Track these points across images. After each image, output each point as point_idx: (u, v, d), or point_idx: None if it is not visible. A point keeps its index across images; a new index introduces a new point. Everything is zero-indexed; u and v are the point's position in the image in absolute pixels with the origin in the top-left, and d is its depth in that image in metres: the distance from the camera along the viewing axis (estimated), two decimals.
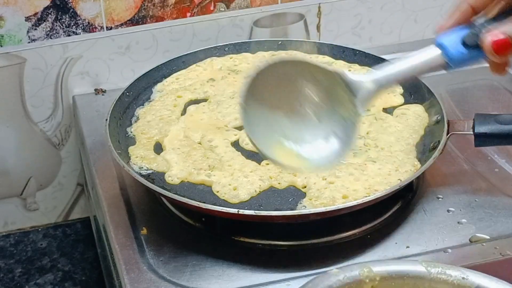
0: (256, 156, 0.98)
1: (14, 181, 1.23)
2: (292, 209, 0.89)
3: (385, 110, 1.05)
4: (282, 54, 0.85)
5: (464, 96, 1.17)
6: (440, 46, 0.77)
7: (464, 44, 0.76)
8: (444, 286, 0.74)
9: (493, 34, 0.74)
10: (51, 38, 1.15)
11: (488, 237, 0.91)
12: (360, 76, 0.76)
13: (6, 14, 1.12)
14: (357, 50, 1.14)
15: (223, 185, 0.92)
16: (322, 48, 1.16)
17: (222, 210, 0.88)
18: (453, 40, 0.76)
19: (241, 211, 0.87)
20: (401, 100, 1.07)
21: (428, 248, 0.90)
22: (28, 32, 1.14)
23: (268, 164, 0.96)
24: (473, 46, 0.75)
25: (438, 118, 1.01)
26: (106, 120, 1.00)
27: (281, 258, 0.90)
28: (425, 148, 0.98)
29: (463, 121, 0.98)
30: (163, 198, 0.97)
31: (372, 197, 0.89)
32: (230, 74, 1.12)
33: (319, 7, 1.24)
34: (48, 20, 1.14)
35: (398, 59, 0.81)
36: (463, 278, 0.74)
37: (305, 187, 0.92)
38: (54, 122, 1.21)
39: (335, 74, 0.75)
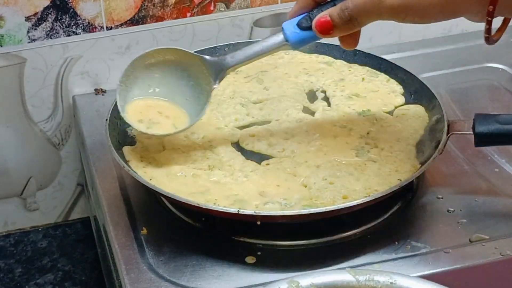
0: (256, 156, 0.98)
1: (14, 181, 1.23)
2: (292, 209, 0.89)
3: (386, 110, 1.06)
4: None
5: (464, 96, 1.17)
6: (282, 29, 0.91)
7: (299, 26, 0.89)
8: None
9: (318, 16, 0.87)
10: (51, 38, 1.15)
11: (488, 237, 0.91)
12: (214, 57, 0.96)
13: (6, 14, 1.12)
14: (357, 50, 1.14)
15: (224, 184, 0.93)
16: (322, 48, 1.16)
17: (222, 210, 0.88)
18: (291, 24, 0.90)
19: (241, 211, 0.87)
20: (401, 100, 1.07)
21: (428, 248, 0.90)
22: (28, 32, 1.14)
23: (268, 164, 0.96)
24: (306, 28, 0.89)
25: (438, 118, 1.01)
26: (106, 120, 1.00)
27: (281, 258, 0.90)
28: (425, 148, 0.98)
29: (463, 121, 0.98)
30: (163, 198, 0.97)
31: (372, 197, 0.89)
32: (230, 74, 1.12)
33: None
34: (48, 20, 1.14)
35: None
36: (391, 283, 0.74)
37: (305, 186, 0.92)
38: (54, 122, 1.21)
39: (197, 57, 0.96)
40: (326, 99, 1.08)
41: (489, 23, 0.81)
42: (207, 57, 0.96)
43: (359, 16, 0.84)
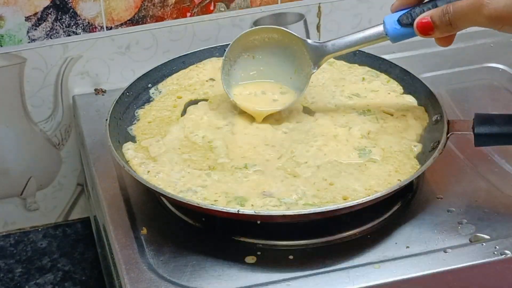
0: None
1: (14, 181, 1.23)
2: (292, 209, 0.89)
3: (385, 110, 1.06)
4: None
5: (464, 96, 1.17)
6: (383, 22, 0.94)
7: (400, 22, 0.92)
8: None
9: (421, 17, 0.90)
10: (51, 38, 1.15)
11: (488, 237, 0.91)
12: (316, 42, 1.00)
13: (6, 14, 1.12)
14: (357, 50, 1.14)
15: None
16: None
17: (222, 210, 0.88)
18: (392, 19, 0.93)
19: (241, 211, 0.87)
20: (402, 100, 1.07)
21: (428, 248, 0.90)
22: (28, 32, 1.14)
23: (268, 160, 0.96)
24: (407, 25, 0.92)
25: (438, 118, 1.01)
26: (106, 120, 1.00)
27: (281, 258, 0.90)
28: (425, 148, 0.98)
29: (463, 121, 0.98)
30: (163, 198, 0.97)
31: (372, 197, 0.89)
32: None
33: (319, 7, 1.24)
34: (48, 20, 1.14)
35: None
36: None
37: (305, 187, 0.92)
38: (54, 122, 1.21)
39: (300, 41, 1.00)
40: (326, 99, 1.08)
41: None
42: (309, 40, 1.00)
43: (459, 21, 0.87)
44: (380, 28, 0.95)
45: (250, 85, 1.05)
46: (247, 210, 0.88)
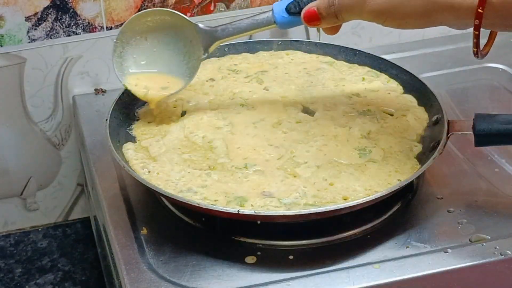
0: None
1: (14, 181, 1.23)
2: (292, 209, 0.89)
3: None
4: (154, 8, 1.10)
5: (464, 96, 1.17)
6: (272, 9, 0.96)
7: (288, 11, 0.94)
8: None
9: (308, 7, 0.91)
10: (51, 38, 1.15)
11: (488, 237, 0.91)
12: (207, 27, 1.01)
13: (6, 14, 1.12)
14: (357, 50, 1.14)
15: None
16: (322, 48, 1.16)
17: (222, 210, 0.88)
18: (280, 7, 0.95)
19: (241, 211, 0.87)
20: (402, 100, 1.07)
21: (428, 248, 0.90)
22: (28, 32, 1.14)
23: (267, 160, 0.96)
24: (294, 14, 0.94)
25: (438, 118, 1.01)
26: (106, 120, 1.00)
27: (281, 258, 0.90)
28: (425, 148, 0.98)
29: (463, 121, 0.98)
30: (163, 198, 0.97)
31: (372, 197, 0.89)
32: (230, 74, 1.12)
33: None
34: (48, 20, 1.14)
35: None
36: None
37: (306, 187, 0.92)
38: (54, 122, 1.21)
39: (192, 25, 1.01)
40: (326, 99, 1.08)
41: (476, 37, 0.85)
42: (200, 25, 1.01)
43: (345, 14, 0.89)
44: (269, 15, 0.96)
45: (142, 75, 1.04)
46: (247, 210, 0.88)
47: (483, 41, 0.88)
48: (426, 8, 0.84)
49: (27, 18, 1.13)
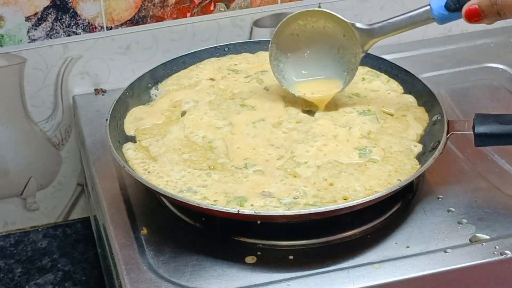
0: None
1: (14, 181, 1.23)
2: (292, 209, 0.89)
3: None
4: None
5: (464, 96, 1.17)
6: (430, 6, 0.96)
7: (447, 7, 0.94)
8: None
9: (468, 4, 0.91)
10: (51, 38, 1.15)
11: (488, 237, 0.91)
12: (364, 26, 1.01)
13: (6, 14, 1.12)
14: None
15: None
16: None
17: (222, 210, 0.88)
18: (438, 3, 0.95)
19: (241, 211, 0.87)
20: (402, 100, 1.07)
21: (428, 248, 0.90)
22: (28, 32, 1.14)
23: (267, 161, 0.96)
24: (454, 10, 0.93)
25: (438, 118, 1.01)
26: (106, 120, 1.00)
27: (281, 258, 0.90)
28: (425, 148, 0.98)
29: (463, 121, 0.98)
30: (163, 198, 0.97)
31: (372, 197, 0.89)
32: (230, 74, 1.12)
33: (319, 7, 1.24)
34: (48, 20, 1.14)
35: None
36: None
37: (306, 187, 0.92)
38: (54, 122, 1.21)
39: (347, 23, 1.01)
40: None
41: None
42: (357, 24, 1.02)
43: (508, 11, 0.88)
44: (426, 12, 0.96)
45: (305, 83, 1.06)
46: (247, 210, 0.88)
47: None
48: None
49: (27, 18, 1.13)
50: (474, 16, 0.91)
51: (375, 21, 1.02)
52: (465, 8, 0.91)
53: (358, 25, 1.01)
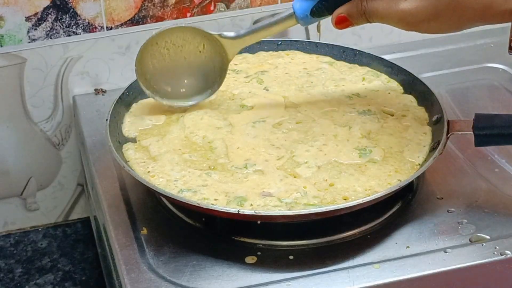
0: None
1: (14, 181, 1.23)
2: (292, 209, 0.89)
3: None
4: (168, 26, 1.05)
5: (464, 96, 1.17)
6: (294, 11, 0.97)
7: (312, 14, 0.95)
8: None
9: (337, 11, 0.94)
10: (51, 38, 1.15)
11: (488, 237, 0.91)
12: (229, 33, 1.01)
13: (6, 14, 1.12)
14: (357, 50, 1.14)
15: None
16: (322, 48, 1.16)
17: (222, 210, 0.88)
18: (304, 8, 0.96)
19: (241, 211, 0.87)
20: (402, 100, 1.07)
21: (428, 248, 0.90)
22: (28, 32, 1.14)
23: (267, 161, 0.96)
24: (319, 16, 0.95)
25: (438, 118, 1.01)
26: (106, 120, 1.00)
27: (281, 258, 0.90)
28: (425, 149, 0.98)
29: (463, 121, 0.98)
30: (163, 198, 0.97)
31: (372, 197, 0.89)
32: (230, 74, 1.12)
33: None
34: (48, 20, 1.14)
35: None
36: None
37: (306, 187, 0.92)
38: (54, 122, 1.21)
39: (212, 35, 1.02)
40: (327, 98, 1.08)
41: None
42: (225, 33, 1.02)
43: (376, 18, 0.92)
44: (290, 17, 0.98)
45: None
46: (247, 210, 0.88)
47: None
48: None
49: (27, 18, 1.13)
50: (344, 24, 0.94)
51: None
52: (334, 16, 0.93)
53: (226, 34, 1.01)
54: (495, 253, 0.89)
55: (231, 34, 1.01)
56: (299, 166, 0.95)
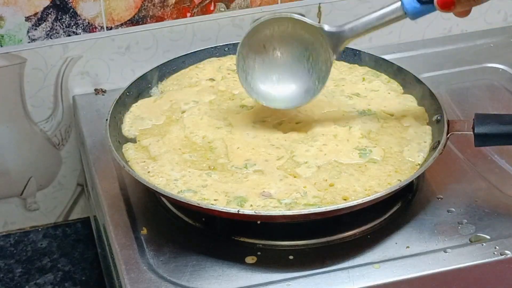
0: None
1: (14, 181, 1.23)
2: (292, 209, 0.89)
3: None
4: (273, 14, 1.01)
5: (464, 96, 1.17)
6: (401, 1, 0.94)
7: (419, 0, 0.92)
8: None
9: None
10: (51, 38, 1.15)
11: (488, 237, 0.91)
12: (334, 27, 0.97)
13: (6, 14, 1.12)
14: (357, 50, 1.14)
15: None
16: None
17: (222, 210, 0.88)
18: None
19: (241, 211, 0.87)
20: (402, 100, 1.07)
21: (428, 248, 0.90)
22: (28, 32, 1.14)
23: (267, 161, 0.96)
24: (426, 2, 0.92)
25: (438, 118, 1.01)
26: (106, 120, 1.00)
27: (281, 258, 0.90)
28: (425, 149, 0.98)
29: (463, 121, 0.98)
30: (163, 198, 0.97)
31: (372, 197, 0.89)
32: (230, 74, 1.12)
33: (319, 7, 1.24)
34: (48, 20, 1.14)
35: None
36: None
37: (306, 187, 0.92)
38: (54, 122, 1.21)
39: (317, 28, 0.97)
40: (327, 98, 1.08)
41: None
42: (326, 26, 0.97)
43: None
44: (397, 8, 0.94)
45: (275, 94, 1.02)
46: (247, 210, 0.88)
47: None
48: None
49: (27, 18, 1.13)
50: (449, 4, 0.90)
51: None
52: None
53: (327, 28, 0.97)
54: (495, 253, 0.89)
55: (334, 28, 0.97)
56: (299, 166, 0.95)
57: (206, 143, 1.00)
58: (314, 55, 0.99)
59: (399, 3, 0.94)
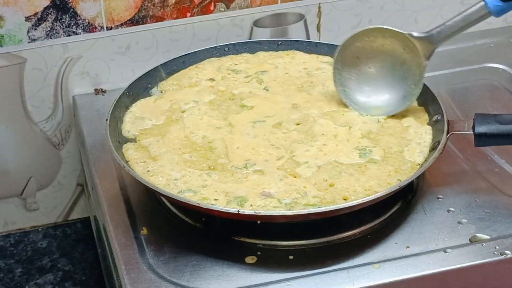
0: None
1: (14, 181, 1.23)
2: (292, 209, 0.89)
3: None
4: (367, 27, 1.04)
5: (464, 96, 1.17)
6: (484, 1, 0.96)
7: None
8: None
9: None
10: (51, 38, 1.15)
11: (488, 237, 0.91)
12: (422, 33, 1.00)
13: (6, 14, 1.12)
14: None
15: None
16: (322, 48, 1.16)
17: (222, 210, 0.88)
18: None
19: (241, 211, 0.87)
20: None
21: (428, 248, 0.90)
22: (28, 32, 1.14)
23: (267, 161, 0.96)
24: (507, 0, 0.94)
25: (438, 118, 1.01)
26: (106, 120, 1.00)
27: (281, 258, 0.90)
28: (425, 149, 0.98)
29: (463, 121, 0.98)
30: (163, 198, 0.97)
31: (372, 197, 0.89)
32: (230, 74, 1.12)
33: (319, 7, 1.24)
34: (48, 20, 1.14)
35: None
36: None
37: (306, 187, 0.92)
38: (54, 122, 1.21)
39: (405, 35, 1.00)
40: (327, 98, 1.08)
41: None
42: (414, 33, 1.00)
43: None
44: (482, 8, 0.96)
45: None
46: (247, 210, 0.88)
47: None
48: None
49: (27, 18, 1.13)
50: None
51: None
52: None
53: (416, 34, 1.00)
54: (495, 253, 0.89)
55: (422, 34, 1.00)
56: (299, 166, 0.95)
57: (206, 143, 1.00)
58: (408, 61, 1.02)
59: (482, 3, 0.96)
